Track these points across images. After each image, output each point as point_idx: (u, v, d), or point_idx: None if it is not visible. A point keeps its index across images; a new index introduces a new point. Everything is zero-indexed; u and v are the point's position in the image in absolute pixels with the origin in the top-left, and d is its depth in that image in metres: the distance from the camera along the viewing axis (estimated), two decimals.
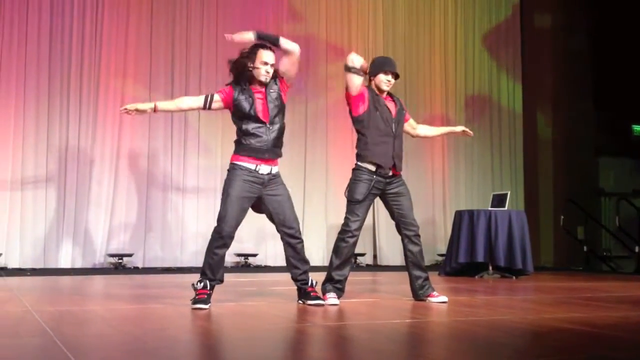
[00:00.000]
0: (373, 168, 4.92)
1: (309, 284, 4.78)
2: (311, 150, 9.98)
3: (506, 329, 3.84)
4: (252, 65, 4.63)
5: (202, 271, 4.59)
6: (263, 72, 4.62)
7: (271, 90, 4.69)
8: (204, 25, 9.58)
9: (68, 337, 3.26)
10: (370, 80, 5.04)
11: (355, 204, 4.94)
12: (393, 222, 5.18)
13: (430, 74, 10.99)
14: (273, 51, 4.68)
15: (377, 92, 5.03)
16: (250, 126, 4.60)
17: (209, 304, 4.45)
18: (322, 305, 4.67)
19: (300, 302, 4.79)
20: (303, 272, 4.78)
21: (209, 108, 4.73)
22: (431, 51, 11.02)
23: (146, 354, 2.93)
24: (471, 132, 5.48)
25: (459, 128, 5.53)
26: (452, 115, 11.01)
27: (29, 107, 8.58)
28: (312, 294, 4.74)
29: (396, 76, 5.04)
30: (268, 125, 4.62)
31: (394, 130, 5.00)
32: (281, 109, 4.72)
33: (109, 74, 8.97)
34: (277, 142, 4.68)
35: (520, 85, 11.64)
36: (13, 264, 8.30)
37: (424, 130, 5.46)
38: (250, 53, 4.66)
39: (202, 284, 4.51)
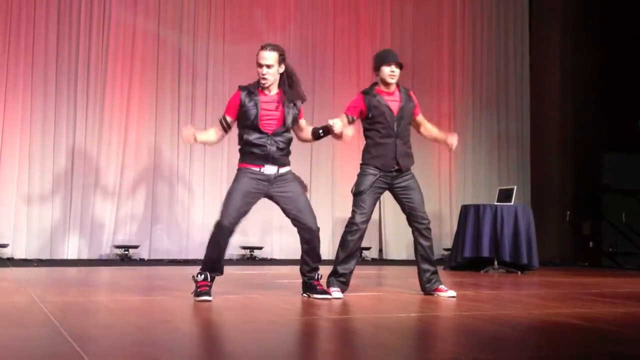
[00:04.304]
0: (376, 169, 4.94)
1: (316, 277, 4.78)
2: (317, 145, 9.96)
3: (511, 323, 3.84)
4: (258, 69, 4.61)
5: (203, 262, 4.59)
6: (260, 75, 4.58)
7: (290, 109, 4.63)
8: (211, 19, 9.56)
9: (74, 327, 3.28)
10: (375, 77, 5.07)
11: (360, 196, 4.95)
12: (399, 216, 5.20)
13: (438, 69, 10.95)
14: (278, 52, 4.58)
15: (383, 87, 5.03)
16: (252, 137, 4.57)
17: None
18: (329, 299, 4.67)
19: (305, 295, 4.79)
20: (313, 268, 4.77)
21: (229, 129, 4.78)
22: (439, 45, 10.98)
23: (151, 345, 2.95)
24: (453, 144, 5.16)
25: (448, 138, 5.18)
26: (459, 111, 10.99)
27: (36, 99, 8.60)
28: (318, 287, 4.75)
29: (400, 66, 5.03)
30: (271, 136, 4.58)
31: (395, 130, 4.98)
32: (290, 126, 4.68)
33: (115, 67, 8.98)
34: (283, 152, 4.64)
35: (528, 80, 11.60)
36: (20, 254, 8.34)
37: (424, 131, 5.28)
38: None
39: (202, 276, 4.51)
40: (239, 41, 9.57)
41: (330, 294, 4.76)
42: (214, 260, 4.56)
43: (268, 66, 4.55)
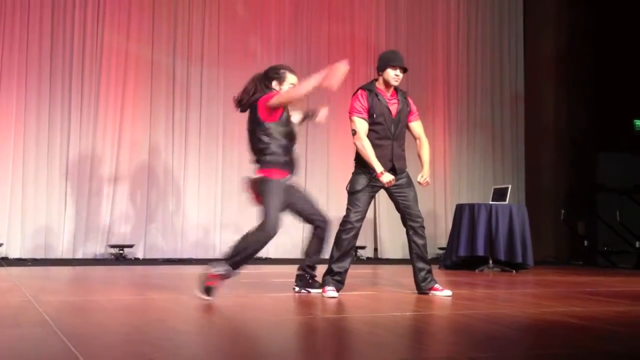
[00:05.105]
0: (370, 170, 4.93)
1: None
2: (312, 144, 9.96)
3: (505, 322, 3.85)
4: (279, 87, 4.75)
5: (236, 254, 4.49)
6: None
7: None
8: (205, 19, 9.52)
9: (68, 327, 3.27)
10: (378, 76, 5.07)
11: (354, 195, 4.96)
12: (394, 215, 5.20)
13: (433, 69, 10.93)
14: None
15: (383, 87, 5.04)
16: (286, 142, 4.66)
17: None
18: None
19: (303, 291, 4.94)
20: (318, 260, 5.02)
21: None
22: (433, 45, 10.97)
23: (146, 344, 2.94)
24: (422, 182, 5.09)
25: (421, 177, 5.08)
26: (453, 110, 10.98)
27: (30, 97, 8.57)
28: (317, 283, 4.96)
29: (404, 70, 5.06)
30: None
31: (392, 132, 4.99)
32: None
33: (110, 65, 8.95)
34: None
35: (522, 80, 11.61)
36: (14, 254, 8.31)
37: (419, 145, 5.23)
38: (278, 75, 4.79)
39: (222, 268, 4.41)
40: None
41: (323, 293, 4.81)
42: (248, 258, 4.53)
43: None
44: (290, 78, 4.80)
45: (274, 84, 4.74)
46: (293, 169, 4.70)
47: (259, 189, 4.61)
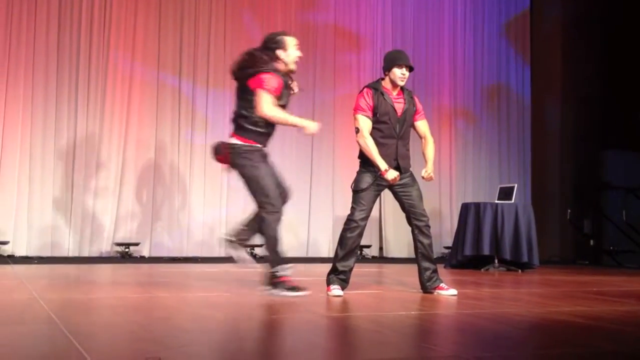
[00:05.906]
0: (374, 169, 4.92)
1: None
2: (317, 142, 9.96)
3: (511, 321, 3.84)
4: (285, 52, 4.72)
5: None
6: (297, 59, 4.76)
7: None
8: (212, 10, 9.53)
9: (74, 324, 3.28)
10: (385, 75, 5.05)
11: (359, 194, 4.95)
12: (399, 214, 5.18)
13: (439, 68, 10.92)
14: None
15: (390, 86, 5.03)
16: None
17: None
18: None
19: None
20: None
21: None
22: (440, 45, 10.96)
23: (152, 342, 2.94)
24: (425, 177, 5.07)
25: (425, 172, 5.07)
26: (460, 107, 10.97)
27: (37, 96, 8.59)
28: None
29: (410, 69, 5.05)
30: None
31: (397, 131, 4.98)
32: None
33: (117, 63, 8.97)
34: None
35: (529, 78, 11.59)
36: (20, 252, 8.33)
37: (423, 144, 5.22)
38: (278, 44, 4.72)
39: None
40: (238, 32, 9.51)
41: (328, 291, 4.79)
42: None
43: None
44: (290, 41, 4.77)
45: (278, 52, 4.72)
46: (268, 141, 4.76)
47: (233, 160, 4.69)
